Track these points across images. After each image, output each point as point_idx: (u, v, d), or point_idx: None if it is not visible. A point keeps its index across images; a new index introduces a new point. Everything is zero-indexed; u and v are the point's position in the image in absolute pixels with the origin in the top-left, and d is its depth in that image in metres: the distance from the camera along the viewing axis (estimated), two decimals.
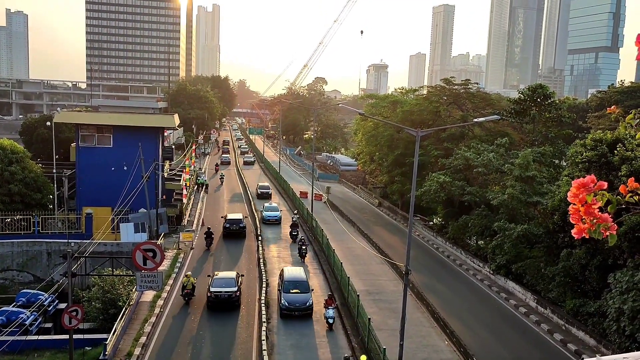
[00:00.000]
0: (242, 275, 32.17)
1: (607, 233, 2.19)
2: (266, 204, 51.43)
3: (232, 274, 30.94)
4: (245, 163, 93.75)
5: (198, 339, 25.37)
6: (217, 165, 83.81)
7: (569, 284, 28.75)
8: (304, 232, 45.50)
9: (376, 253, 40.66)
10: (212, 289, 28.86)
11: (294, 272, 30.97)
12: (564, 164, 39.84)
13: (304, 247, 38.21)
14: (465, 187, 41.09)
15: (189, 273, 31.21)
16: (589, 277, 27.38)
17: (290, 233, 43.18)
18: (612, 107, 2.68)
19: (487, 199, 38.25)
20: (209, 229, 40.93)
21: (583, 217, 2.13)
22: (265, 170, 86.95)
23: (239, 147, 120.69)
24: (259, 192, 61.14)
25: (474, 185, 41.45)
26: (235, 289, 29.05)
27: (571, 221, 2.23)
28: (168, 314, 28.13)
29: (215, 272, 31.40)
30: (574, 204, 2.17)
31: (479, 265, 38.26)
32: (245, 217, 46.32)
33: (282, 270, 31.54)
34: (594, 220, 2.11)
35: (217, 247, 41.11)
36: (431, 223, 52.51)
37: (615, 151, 27.03)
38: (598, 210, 2.10)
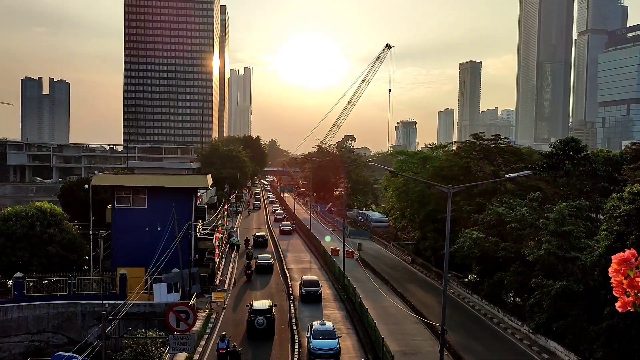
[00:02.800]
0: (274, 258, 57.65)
1: None
2: (316, 325, 31.14)
3: (269, 255, 56.43)
4: (283, 232, 79.49)
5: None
6: (249, 203, 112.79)
7: (615, 344, 27.47)
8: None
9: (410, 312, 39.75)
10: (258, 261, 53.24)
11: None
12: (601, 217, 38.88)
13: None
14: (500, 243, 40.28)
15: (250, 250, 58.71)
16: (636, 337, 26.14)
17: None
18: None
19: (523, 255, 37.34)
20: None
21: (627, 290, 2.10)
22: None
23: (273, 212, 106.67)
24: (304, 292, 42.45)
25: (508, 241, 40.61)
26: (270, 260, 54.16)
27: (614, 294, 2.20)
28: None
29: (259, 255, 55.22)
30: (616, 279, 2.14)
31: (518, 324, 36.97)
32: None
33: None
34: (639, 294, 2.08)
35: None
36: (466, 280, 51.33)
37: None
38: None
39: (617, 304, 2.26)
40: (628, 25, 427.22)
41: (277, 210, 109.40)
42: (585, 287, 30.71)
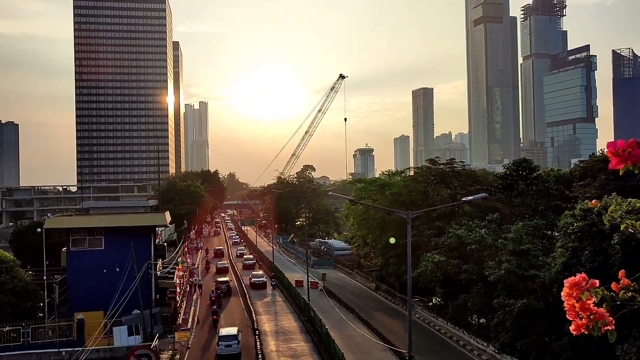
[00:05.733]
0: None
1: (605, 329, 2.21)
2: None
3: (226, 261, 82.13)
4: (254, 286, 62.42)
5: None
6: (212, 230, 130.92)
7: (577, 359, 27.96)
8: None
9: (377, 340, 39.58)
10: (217, 265, 76.85)
11: None
12: (557, 234, 39.94)
13: None
14: (461, 265, 40.78)
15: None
16: (597, 351, 26.70)
17: None
18: (594, 201, 2.80)
19: (484, 276, 37.88)
20: None
21: (580, 313, 2.16)
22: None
23: (238, 255, 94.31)
24: None
25: (469, 263, 41.18)
26: (227, 264, 78.37)
27: (568, 317, 2.26)
28: None
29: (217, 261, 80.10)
30: (569, 302, 2.21)
31: (483, 345, 37.29)
32: None
33: None
34: (591, 316, 2.14)
35: None
36: (430, 304, 51.61)
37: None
38: (593, 304, 2.14)
39: (571, 327, 2.31)
40: (569, 49, 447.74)
41: (243, 253, 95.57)
42: (545, 304, 31.30)
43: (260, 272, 69.26)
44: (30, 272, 44.81)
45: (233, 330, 38.30)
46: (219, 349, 36.52)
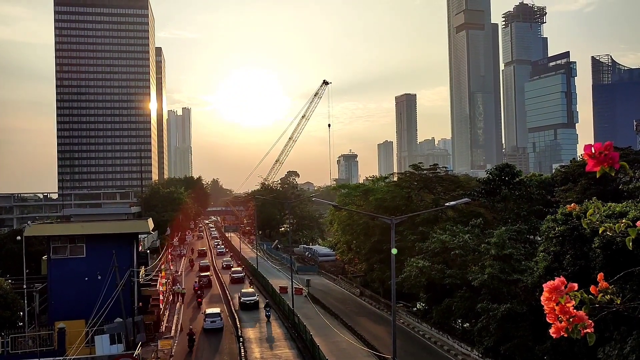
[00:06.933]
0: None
1: (585, 331, 2.23)
2: None
3: (207, 260, 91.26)
4: (244, 306, 54.93)
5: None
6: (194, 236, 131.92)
7: None
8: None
9: (362, 346, 39.54)
10: (200, 264, 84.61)
11: None
12: (539, 239, 40.30)
13: None
14: (445, 270, 40.92)
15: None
16: (579, 354, 26.94)
17: None
18: (572, 204, 2.82)
19: (468, 280, 38.06)
20: None
21: (559, 316, 2.17)
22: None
23: (224, 266, 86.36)
24: None
25: (453, 268, 41.34)
26: (209, 273, 76.34)
27: (548, 321, 2.27)
28: None
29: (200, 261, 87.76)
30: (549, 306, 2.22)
31: (467, 350, 37.41)
32: None
33: None
34: (571, 319, 2.15)
35: None
36: (415, 309, 51.70)
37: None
38: (573, 307, 2.16)
39: (551, 330, 2.32)
40: (549, 55, 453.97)
41: (230, 264, 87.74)
42: (528, 308, 31.52)
43: (251, 289, 60.83)
44: (9, 281, 44.05)
45: (216, 310, 48.09)
46: (205, 324, 45.33)
